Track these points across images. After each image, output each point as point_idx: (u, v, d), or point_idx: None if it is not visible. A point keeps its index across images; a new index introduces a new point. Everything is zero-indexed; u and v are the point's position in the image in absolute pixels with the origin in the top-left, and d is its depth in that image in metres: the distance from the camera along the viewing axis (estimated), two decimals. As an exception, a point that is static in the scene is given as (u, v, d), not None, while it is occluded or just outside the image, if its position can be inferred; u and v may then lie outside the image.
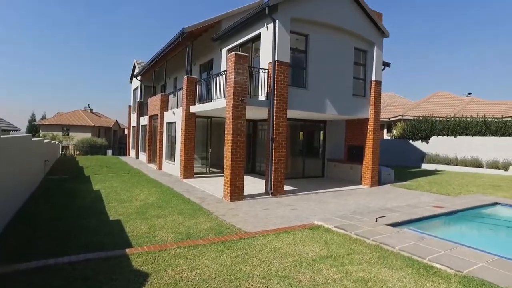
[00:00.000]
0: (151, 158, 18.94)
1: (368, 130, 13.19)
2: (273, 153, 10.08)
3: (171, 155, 15.72)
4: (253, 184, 12.02)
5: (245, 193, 9.55)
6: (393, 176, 14.45)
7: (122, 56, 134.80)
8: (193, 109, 12.94)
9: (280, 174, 10.20)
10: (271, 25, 9.95)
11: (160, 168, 16.50)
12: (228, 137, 9.19)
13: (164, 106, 16.72)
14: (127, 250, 4.79)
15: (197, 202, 8.61)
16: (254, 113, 11.59)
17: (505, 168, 17.05)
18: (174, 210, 7.61)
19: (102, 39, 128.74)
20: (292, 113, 11.36)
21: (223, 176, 9.63)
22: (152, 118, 19.08)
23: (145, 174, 14.34)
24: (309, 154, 15.52)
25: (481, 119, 19.30)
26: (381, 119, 14.90)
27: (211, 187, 11.16)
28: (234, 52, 8.98)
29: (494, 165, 17.54)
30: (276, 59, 9.86)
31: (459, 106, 26.56)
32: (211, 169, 14.76)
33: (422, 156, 20.92)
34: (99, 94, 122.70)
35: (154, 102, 18.12)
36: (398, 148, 22.18)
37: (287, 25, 10.02)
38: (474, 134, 19.05)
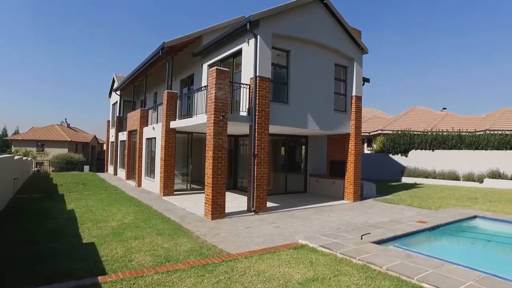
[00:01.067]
0: (130, 175, 18.37)
1: (349, 145, 13.25)
2: (255, 169, 9.91)
3: (150, 172, 15.28)
4: (235, 201, 11.76)
5: (226, 210, 9.30)
6: (375, 190, 14.53)
7: (101, 71, 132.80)
8: (174, 124, 12.67)
9: (262, 190, 10.01)
10: (252, 41, 9.94)
11: (139, 185, 15.99)
12: (209, 154, 8.97)
13: (144, 121, 16.35)
14: (99, 278, 4.44)
15: (177, 221, 8.27)
16: (235, 128, 11.44)
17: (480, 180, 17.50)
18: (153, 230, 7.25)
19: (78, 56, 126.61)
20: (274, 129, 11.28)
21: (204, 193, 9.36)
22: (131, 133, 18.61)
23: (123, 192, 13.82)
24: (291, 169, 15.44)
25: (456, 133, 19.88)
26: (361, 134, 15.04)
27: (192, 205, 10.83)
28: (215, 67, 8.86)
29: (469, 177, 17.98)
30: (257, 74, 9.81)
31: (435, 120, 27.35)
32: (191, 185, 14.40)
33: (402, 170, 21.25)
34: (77, 109, 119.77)
35: (133, 117, 17.71)
36: (379, 162, 22.48)
37: (269, 41, 10.04)
38: (451, 148, 19.56)
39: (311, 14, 11.39)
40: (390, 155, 22.47)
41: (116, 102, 23.78)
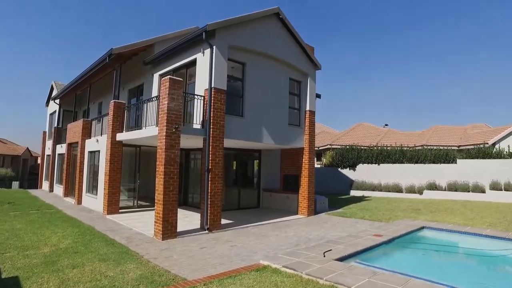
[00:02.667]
0: (69, 191, 16.72)
1: (303, 159, 13.32)
2: (209, 185, 9.43)
3: (93, 188, 13.99)
4: (186, 218, 11.11)
5: (178, 229, 8.66)
6: (327, 204, 14.73)
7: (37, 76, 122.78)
8: (120, 137, 11.76)
9: (216, 207, 9.54)
10: (208, 51, 9.61)
11: (80, 202, 14.55)
12: (160, 168, 8.34)
13: (87, 133, 15.05)
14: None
15: (123, 243, 7.47)
16: (188, 142, 10.90)
17: (420, 192, 18.65)
18: (95, 255, 6.42)
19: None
20: (228, 142, 10.94)
21: (153, 210, 8.66)
22: (71, 146, 17.04)
23: (59, 211, 12.42)
24: (244, 184, 15.13)
25: (399, 148, 21.15)
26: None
27: (140, 224, 9.99)
28: (168, 76, 8.36)
29: (411, 189, 19.10)
30: (213, 86, 9.46)
31: (379, 136, 29.00)
32: (139, 202, 13.41)
33: (350, 183, 21.98)
34: (7, 119, 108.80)
35: (74, 129, 16.25)
36: (328, 176, 23.06)
37: (225, 52, 9.78)
38: (394, 162, 20.71)
39: (268, 28, 11.41)
40: (339, 169, 23.19)
41: (55, 111, 21.81)
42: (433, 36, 65.38)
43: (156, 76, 12.34)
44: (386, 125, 33.07)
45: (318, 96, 15.32)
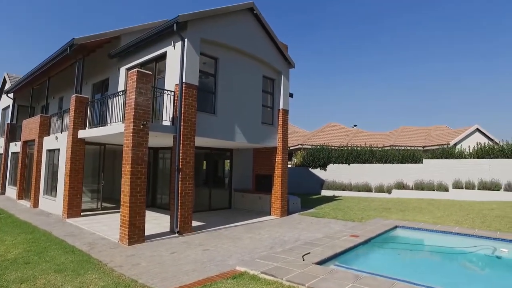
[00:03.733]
0: (24, 193, 15.43)
1: (276, 158, 13.09)
2: (180, 185, 8.92)
3: (51, 189, 12.95)
4: (154, 221, 10.50)
5: (146, 232, 8.09)
6: (300, 204, 14.61)
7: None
8: (83, 134, 10.91)
9: (187, 209, 9.05)
10: (179, 44, 9.10)
11: (36, 205, 13.42)
12: (126, 168, 7.74)
13: (45, 130, 13.92)
14: None
15: (84, 250, 6.81)
16: (157, 140, 10.31)
17: (389, 191, 19.06)
18: (50, 266, 5.75)
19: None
20: (199, 141, 10.47)
21: (119, 212, 8.02)
22: (27, 144, 15.74)
23: (11, 215, 11.33)
24: (215, 184, 14.67)
25: (368, 149, 21.53)
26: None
27: (104, 228, 9.27)
28: (136, 69, 7.77)
29: (380, 189, 19.47)
30: (184, 80, 8.96)
31: (348, 136, 29.51)
32: (104, 204, 12.57)
33: (321, 183, 22.08)
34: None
35: (31, 125, 15.01)
36: (299, 176, 23.03)
37: (197, 45, 9.31)
38: (364, 162, 21.05)
39: (242, 23, 11.06)
40: (310, 169, 23.25)
41: (8, 106, 20.16)
42: (406, 43, 68.08)
43: (122, 70, 11.59)
44: (355, 125, 33.80)
45: (290, 95, 15.17)
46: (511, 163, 16.39)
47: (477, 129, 23.76)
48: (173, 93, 9.13)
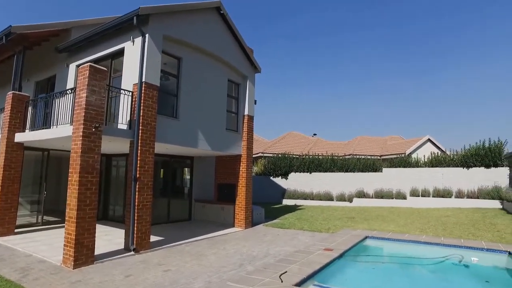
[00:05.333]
0: None
1: (240, 167, 12.49)
2: (137, 196, 7.98)
3: (-20, 201, 11.15)
4: (107, 237, 9.36)
5: (97, 251, 7.06)
6: (264, 214, 14.08)
7: None
8: (21, 137, 9.48)
9: (145, 223, 8.11)
10: (139, 40, 8.23)
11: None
12: (73, 177, 6.68)
13: (-26, 133, 12.06)
14: None
15: (14, 280, 5.61)
16: (111, 145, 9.25)
17: (350, 200, 19.21)
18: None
19: None
20: (159, 147, 9.58)
21: (63, 226, 6.89)
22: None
23: None
24: (174, 194, 13.69)
25: (330, 157, 21.67)
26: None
27: (45, 247, 8.00)
28: (88, 64, 6.80)
29: (342, 198, 19.58)
30: (144, 80, 8.09)
31: (309, 145, 29.71)
32: (46, 218, 11.08)
33: (282, 192, 21.76)
34: None
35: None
36: (260, 185, 22.55)
37: (159, 42, 8.49)
38: (326, 170, 21.11)
39: (207, 22, 10.42)
40: (271, 177, 22.91)
41: None
42: (353, 58, 71.12)
43: (72, 67, 10.34)
44: (315, 134, 34.26)
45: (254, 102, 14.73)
46: (460, 172, 17.28)
47: (429, 139, 25.03)
48: (131, 93, 8.20)
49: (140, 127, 8.07)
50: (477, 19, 56.34)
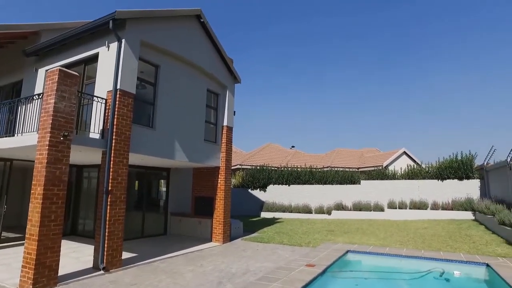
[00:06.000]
0: None
1: (219, 179, 12.13)
2: (108, 210, 7.46)
3: None
4: (74, 254, 8.70)
5: (63, 270, 6.49)
6: (242, 228, 13.69)
7: None
8: (-20, 146, 8.73)
9: (116, 239, 7.58)
10: (114, 45, 7.83)
11: None
12: (37, 190, 6.11)
13: None
14: None
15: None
16: (82, 155, 8.70)
17: (329, 212, 19.13)
18: None
19: None
20: (133, 158, 9.11)
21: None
22: None
23: None
24: (149, 208, 13.08)
25: (308, 170, 21.63)
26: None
27: (1, 267, 7.27)
28: (58, 67, 6.34)
29: (320, 210, 19.47)
30: (119, 87, 7.68)
31: (287, 157, 29.70)
32: (4, 234, 10.20)
33: (261, 205, 21.44)
34: None
35: None
36: (238, 197, 22.14)
37: (136, 48, 8.13)
38: (304, 183, 21.02)
39: (187, 30, 10.17)
40: (250, 190, 22.57)
41: None
42: (331, 68, 72.70)
43: (41, 72, 9.72)
44: (293, 146, 34.38)
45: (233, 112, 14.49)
46: (435, 184, 17.65)
47: (404, 152, 25.63)
48: (104, 101, 7.74)
49: (114, 137, 7.61)
50: (451, 29, 59.09)
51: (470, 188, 16.86)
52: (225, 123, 12.33)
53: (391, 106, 67.44)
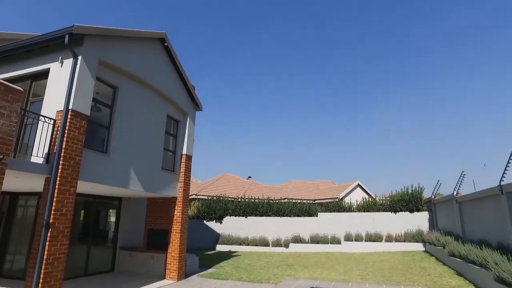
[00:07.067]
0: None
1: (175, 211, 11.41)
2: (47, 247, 6.47)
3: None
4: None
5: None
6: (198, 263, 12.81)
7: None
8: None
9: (55, 281, 6.54)
10: (69, 61, 7.18)
11: None
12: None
13: None
14: None
15: None
16: (19, 182, 7.62)
17: (286, 245, 18.76)
18: None
19: None
20: (83, 186, 8.21)
21: None
22: None
23: None
24: (95, 241, 11.80)
25: (266, 201, 21.31)
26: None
27: None
28: (-1, 81, 5.57)
29: (278, 243, 19.03)
30: (71, 107, 6.96)
31: (244, 188, 29.23)
32: None
33: (216, 237, 20.53)
34: None
35: None
36: (193, 229, 21.09)
37: (94, 67, 7.53)
38: (262, 215, 20.59)
39: (151, 53, 9.78)
40: (205, 221, 21.63)
41: None
42: (288, 100, 75.23)
43: (-24, 87, 8.62)
44: (250, 177, 34.02)
45: (192, 140, 14.01)
46: (389, 216, 18.22)
47: (358, 185, 26.42)
48: (53, 121, 6.94)
49: (61, 162, 6.77)
50: (396, 68, 64.41)
51: (420, 220, 17.61)
52: (184, 151, 11.79)
53: (342, 138, 70.67)
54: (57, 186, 6.68)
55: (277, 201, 21.61)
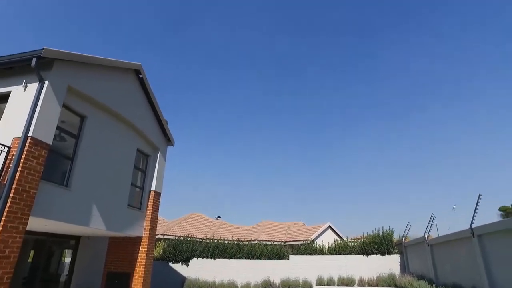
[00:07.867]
0: None
1: (139, 252, 10.59)
2: (-15, 294, 5.54)
3: None
4: None
5: None
6: (161, 312, 11.67)
7: None
8: None
9: (-9, 336, 5.53)
10: (34, 86, 6.69)
11: None
12: None
13: None
14: None
15: None
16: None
17: (256, 291, 17.78)
18: None
19: None
20: (35, 223, 7.35)
21: None
22: None
23: None
24: (45, 285, 10.49)
25: (235, 242, 20.40)
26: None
27: None
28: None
29: (247, 287, 18.00)
30: (31, 134, 6.37)
31: (213, 228, 28.06)
32: None
33: (182, 281, 19.12)
34: None
35: None
36: (157, 272, 19.56)
37: (61, 93, 7.06)
38: (231, 257, 19.58)
39: (124, 84, 9.45)
40: (170, 263, 20.22)
41: None
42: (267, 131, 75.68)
43: None
44: (219, 217, 32.88)
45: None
46: (361, 259, 17.90)
47: (329, 226, 26.15)
48: (7, 149, 6.27)
49: (11, 195, 6.03)
50: (366, 111, 67.08)
51: (392, 263, 17.40)
52: (153, 188, 11.16)
53: (311, 179, 71.25)
54: (2, 223, 5.87)
55: (247, 243, 20.78)
